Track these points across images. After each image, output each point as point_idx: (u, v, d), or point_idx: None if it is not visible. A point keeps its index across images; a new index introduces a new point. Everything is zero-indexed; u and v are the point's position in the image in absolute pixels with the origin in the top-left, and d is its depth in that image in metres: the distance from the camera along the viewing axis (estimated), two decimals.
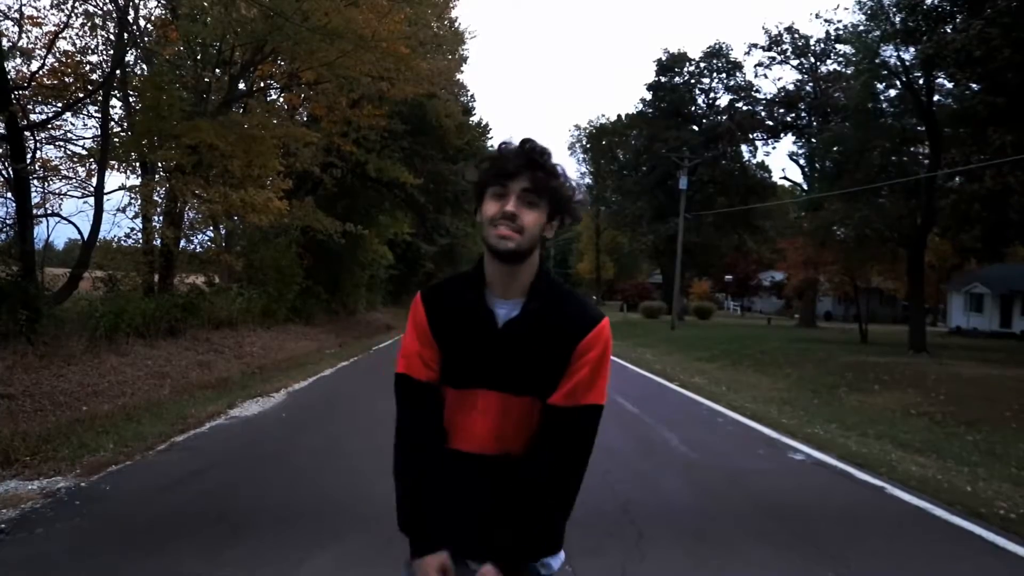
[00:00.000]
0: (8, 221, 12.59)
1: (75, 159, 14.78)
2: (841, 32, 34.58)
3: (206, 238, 20.45)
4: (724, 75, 49.67)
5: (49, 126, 13.83)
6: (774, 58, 45.86)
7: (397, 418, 1.92)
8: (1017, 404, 11.50)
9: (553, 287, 1.88)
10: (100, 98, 14.31)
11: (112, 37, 14.97)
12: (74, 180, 14.82)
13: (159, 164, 16.30)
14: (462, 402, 1.86)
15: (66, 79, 13.75)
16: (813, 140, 41.38)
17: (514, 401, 1.83)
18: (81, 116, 15.08)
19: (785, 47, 45.20)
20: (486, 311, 1.84)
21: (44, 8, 31.27)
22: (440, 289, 1.99)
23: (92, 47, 15.04)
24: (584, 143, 72.41)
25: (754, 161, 50.92)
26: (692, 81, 50.20)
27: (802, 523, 5.59)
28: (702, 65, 49.90)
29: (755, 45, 47.62)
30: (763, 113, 47.50)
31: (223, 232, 21.73)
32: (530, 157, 1.77)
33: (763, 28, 72.93)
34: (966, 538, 5.47)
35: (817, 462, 7.99)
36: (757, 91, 48.36)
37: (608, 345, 1.85)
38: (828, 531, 5.44)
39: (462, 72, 30.78)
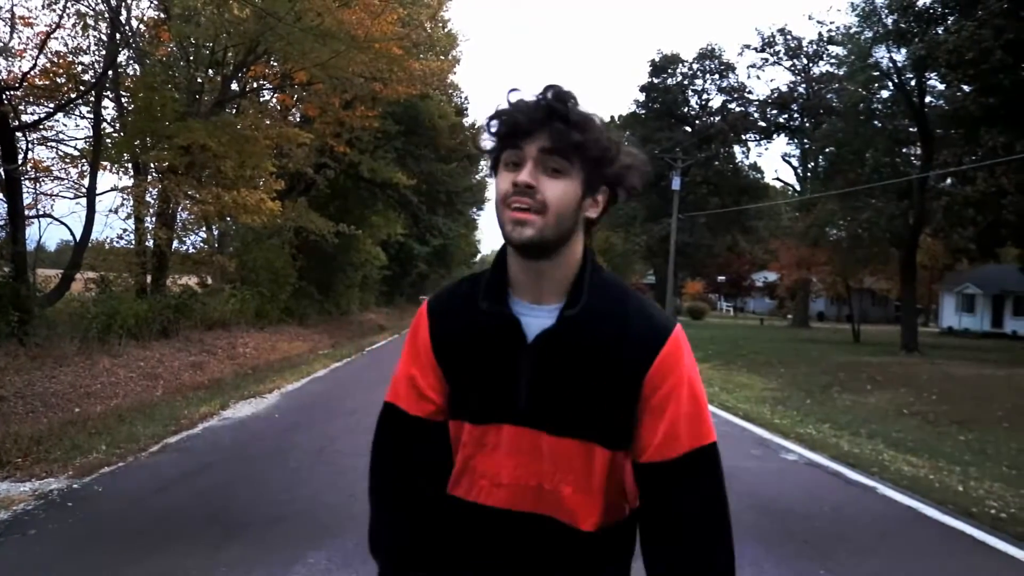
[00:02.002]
0: None
1: (67, 160, 14.72)
2: (833, 34, 34.73)
3: (199, 239, 20.45)
4: (717, 76, 49.73)
5: (41, 127, 13.77)
6: (767, 59, 46.11)
7: (372, 458, 1.56)
8: (1009, 404, 11.56)
9: (606, 287, 1.40)
10: (92, 99, 14.26)
11: (104, 37, 14.93)
12: (66, 181, 14.76)
13: (151, 165, 16.25)
14: (483, 441, 1.41)
15: (58, 79, 13.68)
16: (806, 141, 41.52)
17: (554, 443, 1.36)
18: (73, 117, 15.03)
19: (778, 48, 45.42)
20: (511, 321, 1.37)
21: (36, 8, 31.12)
22: (452, 296, 1.52)
23: (84, 47, 14.99)
24: None
25: (747, 162, 51.01)
26: (685, 82, 50.24)
27: (794, 522, 5.61)
28: (695, 66, 49.94)
29: (748, 46, 47.77)
30: (756, 114, 47.62)
31: (216, 233, 21.69)
32: (549, 106, 1.31)
33: (756, 29, 73.20)
34: (957, 537, 5.49)
35: (809, 462, 8.02)
36: (750, 92, 48.53)
37: (690, 359, 1.39)
38: (820, 530, 5.46)
39: (455, 73, 30.85)
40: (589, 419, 1.35)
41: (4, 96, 12.04)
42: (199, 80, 17.66)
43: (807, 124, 42.80)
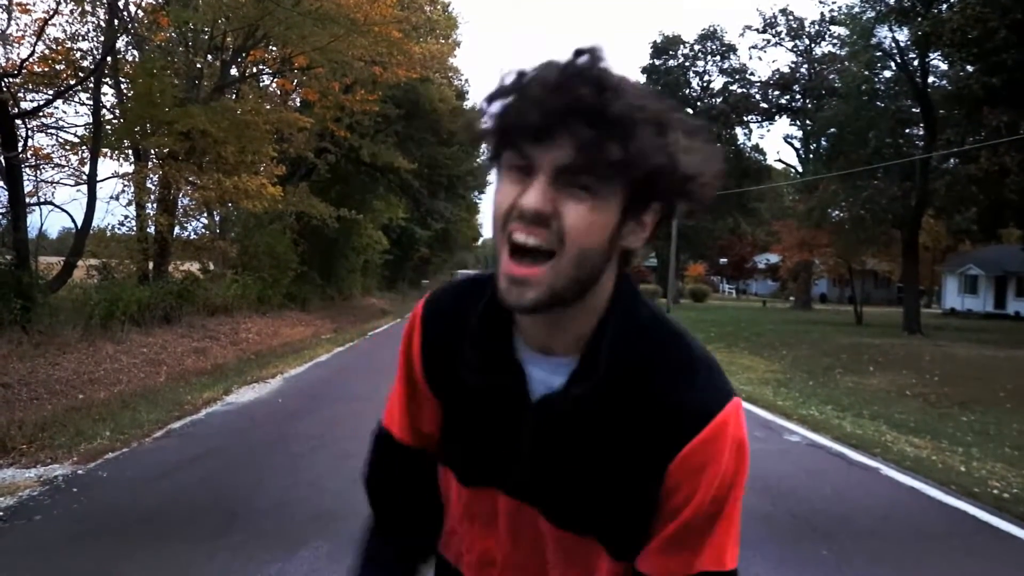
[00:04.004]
0: (1, 209, 12.55)
1: (67, 147, 14.69)
2: (836, 13, 34.50)
3: (200, 225, 20.46)
4: (719, 58, 49.55)
5: (40, 114, 13.72)
6: (768, 40, 45.91)
7: (367, 485, 1.35)
8: (1011, 384, 11.57)
9: (639, 340, 0.99)
10: (91, 85, 14.20)
11: (102, 23, 14.86)
12: (67, 168, 14.75)
13: (152, 151, 16.22)
14: (472, 509, 1.12)
15: (57, 66, 13.62)
16: (808, 122, 41.37)
17: (554, 533, 1.05)
18: (72, 103, 14.97)
19: (780, 29, 45.21)
20: (514, 370, 1.03)
21: None
22: (452, 304, 1.13)
23: (82, 34, 14.93)
24: None
25: (748, 144, 50.89)
26: (687, 64, 50.06)
27: (796, 503, 5.62)
28: (696, 48, 49.74)
29: (749, 27, 47.54)
30: (757, 95, 47.44)
31: (217, 219, 21.68)
32: (577, 98, 0.85)
33: (757, 10, 72.87)
34: (960, 518, 5.51)
35: (812, 443, 8.03)
36: (751, 73, 48.38)
37: (737, 458, 0.97)
38: (822, 511, 5.47)
39: (455, 56, 30.73)
40: (594, 515, 1.02)
41: (3, 83, 12.00)
42: (198, 65, 17.59)
43: (809, 105, 42.64)
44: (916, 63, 23.38)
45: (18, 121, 12.73)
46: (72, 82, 13.72)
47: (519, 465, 1.04)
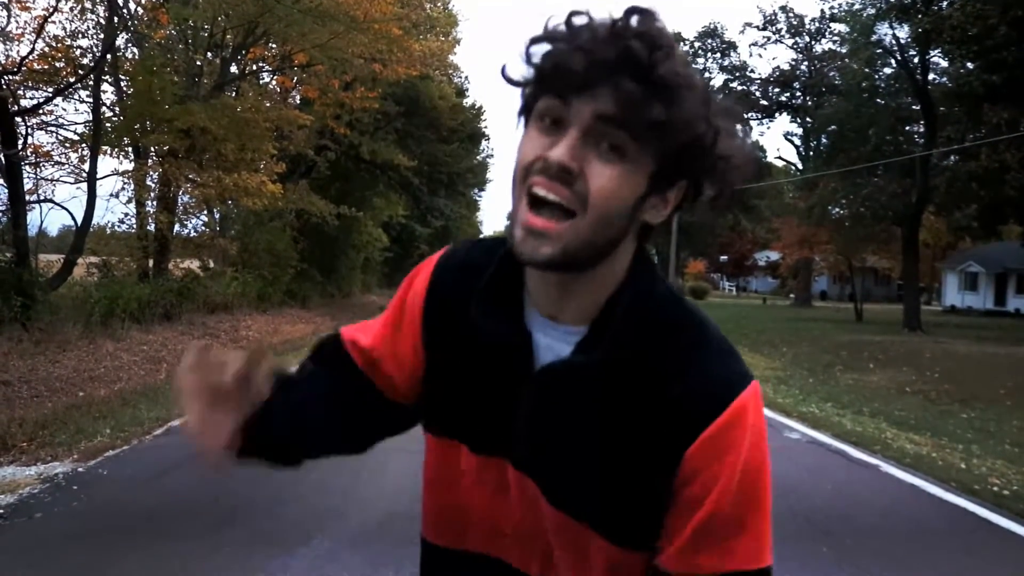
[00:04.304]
0: (1, 207, 12.55)
1: (67, 144, 14.73)
2: (836, 11, 34.47)
3: (200, 222, 20.46)
4: (719, 55, 49.45)
5: (40, 111, 13.74)
6: (769, 37, 45.77)
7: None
8: (1011, 382, 11.56)
9: (654, 317, 0.93)
10: (91, 83, 14.21)
11: (102, 21, 14.86)
12: (67, 166, 14.79)
13: (152, 149, 16.23)
14: (485, 475, 1.02)
15: (56, 64, 13.62)
16: (808, 119, 41.36)
17: (551, 512, 0.97)
18: (72, 101, 15.01)
19: (780, 26, 45.08)
20: (520, 337, 0.97)
21: None
22: (464, 264, 1.06)
23: (82, 31, 14.96)
24: None
25: (748, 141, 50.79)
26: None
27: (796, 501, 5.61)
28: (696, 45, 49.63)
29: (749, 24, 47.45)
30: (758, 93, 47.37)
31: (217, 216, 21.69)
32: (627, 48, 0.82)
33: (757, 7, 72.84)
34: (960, 515, 5.51)
35: (812, 440, 8.03)
36: (752, 71, 48.26)
37: (757, 440, 0.90)
38: (822, 508, 5.47)
39: (455, 54, 30.66)
40: (590, 498, 0.94)
41: (3, 81, 11.99)
42: (198, 63, 17.59)
43: (809, 102, 42.61)
44: (916, 60, 23.37)
45: (18, 119, 12.74)
46: (72, 79, 13.73)
47: (519, 439, 0.98)
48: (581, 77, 0.82)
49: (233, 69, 18.65)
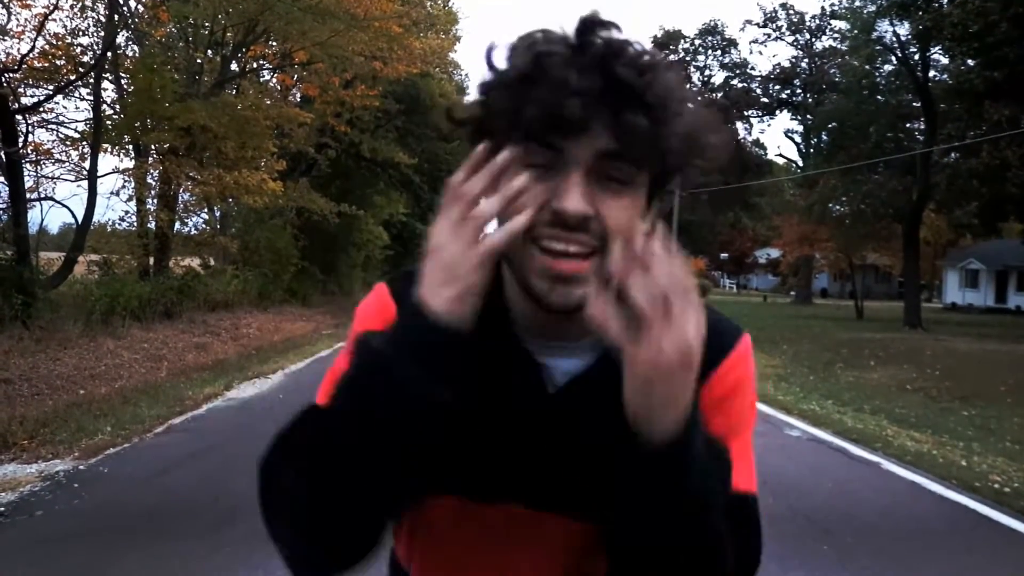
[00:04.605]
0: (1, 205, 12.55)
1: (68, 142, 14.72)
2: (836, 8, 34.48)
3: (201, 220, 20.50)
4: (719, 52, 49.56)
5: (41, 109, 13.73)
6: (769, 35, 45.88)
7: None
8: (1012, 379, 11.55)
9: None
10: (92, 80, 14.21)
11: (103, 18, 14.87)
12: (67, 163, 14.80)
13: (152, 146, 16.23)
14: (483, 526, 0.93)
15: (57, 61, 13.62)
16: (809, 117, 41.36)
17: (592, 534, 0.88)
18: (73, 99, 15.04)
19: (780, 23, 45.14)
20: (528, 364, 0.91)
21: None
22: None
23: (83, 29, 14.97)
24: None
25: (749, 138, 50.83)
26: (687, 58, 50.00)
27: (797, 498, 5.62)
28: (697, 42, 49.74)
29: (750, 21, 47.52)
30: (758, 90, 47.42)
31: (218, 214, 21.70)
32: (619, 81, 0.77)
33: (758, 4, 72.79)
34: (961, 512, 5.51)
35: (813, 438, 8.03)
36: (752, 68, 48.41)
37: (751, 378, 1.01)
38: (823, 506, 5.47)
39: (456, 52, 30.72)
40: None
41: (3, 78, 11.99)
42: (198, 61, 17.58)
43: (810, 100, 42.63)
44: (917, 57, 23.36)
45: (18, 116, 12.73)
46: (72, 77, 13.73)
47: (542, 469, 0.90)
48: (575, 119, 0.77)
49: (233, 67, 18.64)
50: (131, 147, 15.86)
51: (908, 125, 26.21)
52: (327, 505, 0.82)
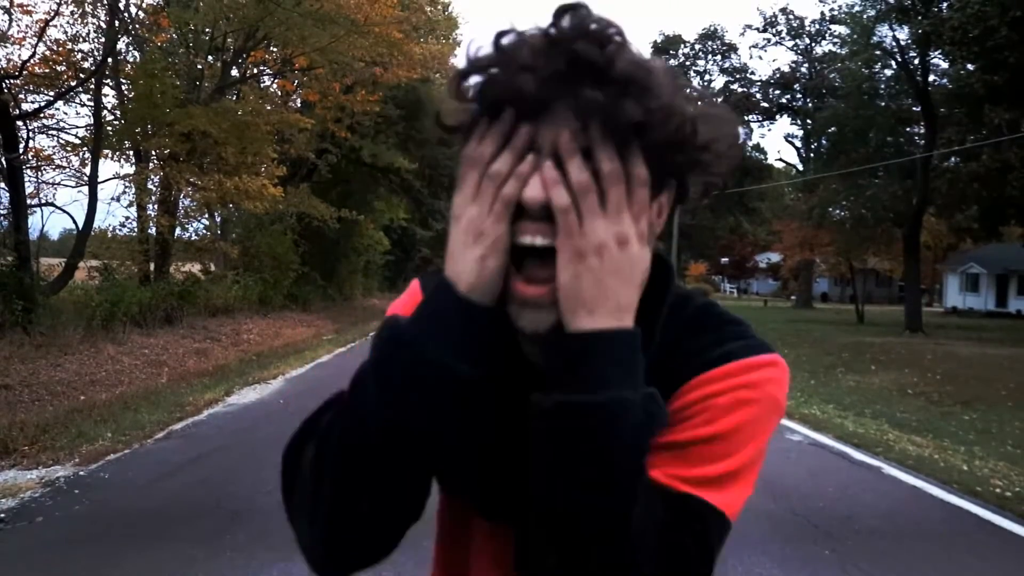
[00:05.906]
0: (2, 211, 12.57)
1: (68, 148, 14.75)
2: (836, 12, 34.53)
3: (201, 226, 20.51)
4: (719, 57, 49.59)
5: (41, 115, 13.76)
6: (769, 39, 45.95)
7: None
8: (1013, 383, 11.55)
9: (684, 319, 0.89)
10: (92, 86, 14.24)
11: (103, 24, 14.90)
12: (68, 169, 14.83)
13: (153, 152, 16.26)
14: (496, 542, 0.89)
15: (57, 67, 13.65)
16: (809, 121, 41.41)
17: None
18: (73, 105, 15.09)
19: (780, 28, 45.23)
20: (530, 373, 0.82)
21: None
22: None
23: (83, 35, 15.00)
24: None
25: (749, 143, 50.85)
26: (687, 63, 50.04)
27: (799, 503, 5.61)
28: (697, 47, 49.79)
29: (750, 26, 47.62)
30: (758, 95, 47.45)
31: (218, 220, 21.71)
32: (575, 56, 0.72)
33: (758, 9, 72.87)
34: (962, 516, 5.50)
35: (814, 442, 8.01)
36: (752, 73, 48.43)
37: (773, 402, 0.88)
38: (825, 510, 5.46)
39: (456, 56, 30.68)
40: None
41: (4, 84, 12.01)
42: (199, 66, 17.63)
43: (810, 104, 42.67)
44: (917, 62, 23.39)
45: (19, 122, 12.75)
46: (73, 83, 13.75)
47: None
48: (534, 100, 0.73)
49: (234, 72, 18.68)
50: (132, 153, 15.88)
51: (908, 129, 26.24)
52: (349, 491, 0.79)
